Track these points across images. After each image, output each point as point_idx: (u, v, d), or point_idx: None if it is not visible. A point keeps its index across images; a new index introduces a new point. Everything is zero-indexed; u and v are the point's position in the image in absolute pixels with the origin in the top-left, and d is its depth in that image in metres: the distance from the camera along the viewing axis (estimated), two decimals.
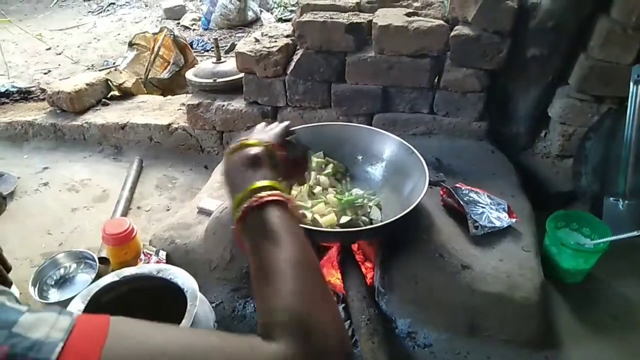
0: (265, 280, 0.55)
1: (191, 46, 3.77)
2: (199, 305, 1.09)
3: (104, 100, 2.70)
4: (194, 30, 4.83)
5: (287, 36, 2.12)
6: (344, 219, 1.41)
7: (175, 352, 0.43)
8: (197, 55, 3.58)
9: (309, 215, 1.42)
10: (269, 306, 0.52)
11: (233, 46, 3.80)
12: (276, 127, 0.82)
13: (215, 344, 0.46)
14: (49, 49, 4.33)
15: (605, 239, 1.48)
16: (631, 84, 1.61)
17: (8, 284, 0.97)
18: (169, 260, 1.56)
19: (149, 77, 3.10)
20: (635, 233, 1.39)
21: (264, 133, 0.79)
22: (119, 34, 4.80)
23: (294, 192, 1.45)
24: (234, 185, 0.66)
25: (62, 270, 1.66)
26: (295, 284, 0.53)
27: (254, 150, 0.70)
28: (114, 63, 3.72)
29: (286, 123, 0.85)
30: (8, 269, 1.00)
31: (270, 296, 0.53)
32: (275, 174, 0.69)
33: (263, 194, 0.61)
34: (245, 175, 0.66)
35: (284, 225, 0.59)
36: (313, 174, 1.56)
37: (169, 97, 2.81)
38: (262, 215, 0.60)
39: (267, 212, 0.60)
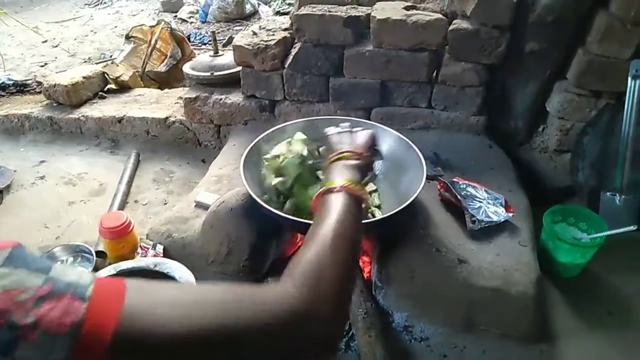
0: (306, 239, 0.65)
1: (189, 39, 3.75)
2: None
3: (100, 93, 2.68)
4: (191, 23, 4.80)
5: (285, 29, 2.11)
6: None
7: (191, 296, 0.49)
8: (194, 49, 3.56)
9: None
10: (296, 259, 0.61)
11: (231, 39, 3.78)
12: (364, 137, 1.01)
13: (227, 290, 0.53)
14: (45, 41, 4.30)
15: (601, 234, 1.49)
16: (629, 79, 1.61)
17: None
18: (166, 254, 1.56)
19: (146, 70, 3.08)
20: (631, 228, 1.39)
21: (356, 142, 0.98)
22: (116, 27, 4.77)
23: None
24: (328, 178, 0.84)
25: (59, 264, 1.65)
26: (325, 248, 0.62)
27: (354, 162, 0.89)
28: (110, 56, 3.70)
29: (372, 132, 1.05)
30: None
31: (302, 251, 0.62)
32: (361, 176, 0.87)
33: (344, 185, 0.76)
34: (339, 174, 0.83)
35: (344, 207, 0.71)
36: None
37: (166, 90, 2.80)
38: (335, 196, 0.74)
39: (339, 195, 0.74)
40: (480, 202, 1.55)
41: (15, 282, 0.40)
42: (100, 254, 1.65)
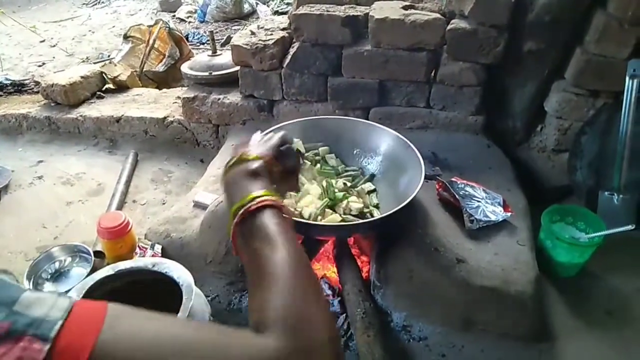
0: (258, 280, 0.57)
1: (187, 39, 3.74)
2: (194, 298, 1.09)
3: (98, 93, 2.68)
4: (189, 22, 4.79)
5: (284, 29, 2.10)
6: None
7: (169, 342, 0.45)
8: (192, 48, 3.56)
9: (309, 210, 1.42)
10: (261, 304, 0.54)
11: (229, 39, 3.78)
12: (272, 139, 0.85)
13: (209, 336, 0.48)
14: (43, 41, 4.29)
15: (599, 233, 1.49)
16: (627, 78, 1.61)
17: None
18: (165, 254, 1.56)
19: (145, 70, 3.08)
20: (629, 227, 1.40)
21: (261, 146, 0.82)
22: (114, 27, 4.76)
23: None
24: (233, 195, 0.70)
25: (57, 264, 1.65)
26: (287, 283, 0.55)
27: (253, 165, 0.75)
28: (108, 56, 3.69)
29: (281, 134, 0.87)
30: None
31: (262, 295, 0.55)
32: (271, 185, 0.73)
33: (258, 199, 0.65)
34: (244, 186, 0.70)
35: (277, 228, 0.62)
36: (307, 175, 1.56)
37: (165, 90, 2.79)
38: (258, 219, 0.63)
39: (262, 216, 0.64)
40: (478, 201, 1.55)
41: None
42: (98, 254, 1.64)
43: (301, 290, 0.55)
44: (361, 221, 1.38)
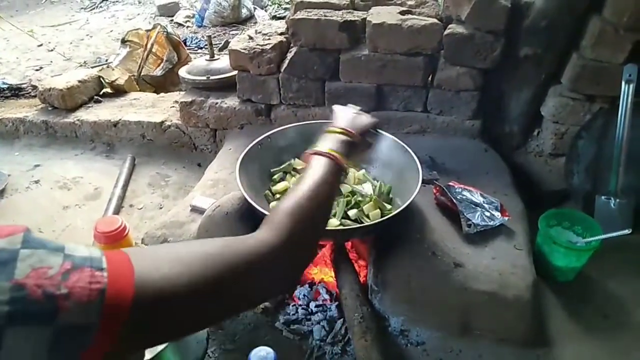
0: (287, 194, 0.74)
1: (185, 43, 3.74)
2: None
3: (96, 97, 2.68)
4: (187, 27, 4.80)
5: (281, 34, 2.11)
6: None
7: (183, 252, 0.57)
8: (190, 53, 3.56)
9: None
10: (274, 209, 0.70)
11: (227, 44, 3.78)
12: (363, 120, 1.05)
13: (213, 242, 0.62)
14: (41, 45, 4.29)
15: (596, 237, 1.49)
16: (623, 83, 1.61)
17: None
18: None
19: (142, 74, 3.08)
20: (626, 231, 1.40)
21: (355, 122, 1.01)
22: (111, 31, 4.76)
23: None
24: (320, 143, 0.89)
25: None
26: (301, 202, 0.70)
27: (343, 137, 0.92)
28: (106, 60, 3.69)
29: (374, 120, 1.08)
30: None
31: (280, 203, 0.71)
32: (346, 151, 0.89)
33: (325, 150, 0.84)
34: (328, 144, 0.88)
35: (323, 167, 0.79)
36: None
37: (162, 94, 2.79)
38: (315, 159, 0.82)
39: (318, 158, 0.82)
40: (475, 206, 1.56)
41: (40, 260, 0.43)
42: None
43: (309, 208, 0.70)
44: (358, 225, 1.37)
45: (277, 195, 1.54)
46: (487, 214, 1.54)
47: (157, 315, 0.50)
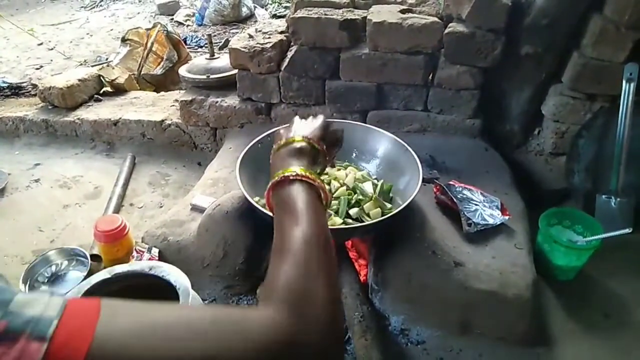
0: (276, 253, 0.59)
1: (185, 42, 3.74)
2: (191, 302, 1.08)
3: (96, 96, 2.67)
4: (187, 26, 4.80)
5: (281, 32, 2.11)
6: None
7: (169, 326, 0.44)
8: (191, 52, 3.56)
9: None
10: (271, 277, 0.56)
11: (227, 42, 3.77)
12: (315, 122, 0.88)
13: (208, 316, 0.48)
14: (41, 44, 4.28)
15: (597, 236, 1.49)
16: (624, 82, 1.61)
17: None
18: (162, 257, 1.55)
19: (142, 73, 3.07)
20: (627, 230, 1.39)
21: (305, 129, 0.85)
22: (112, 30, 4.76)
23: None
24: (275, 170, 0.74)
25: (53, 268, 1.64)
26: (299, 259, 0.56)
27: (299, 145, 0.79)
28: (106, 59, 3.69)
29: (321, 118, 0.90)
30: None
31: (275, 268, 0.56)
32: (315, 165, 0.78)
33: (292, 174, 0.69)
34: (286, 163, 0.74)
35: (304, 203, 0.64)
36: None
37: (162, 93, 2.79)
38: (286, 191, 0.67)
39: (291, 188, 0.67)
40: (476, 205, 1.55)
41: None
42: (95, 257, 1.64)
43: (311, 266, 0.55)
44: (358, 224, 1.37)
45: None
46: (488, 213, 1.53)
47: None
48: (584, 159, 1.76)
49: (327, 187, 1.31)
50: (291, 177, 0.68)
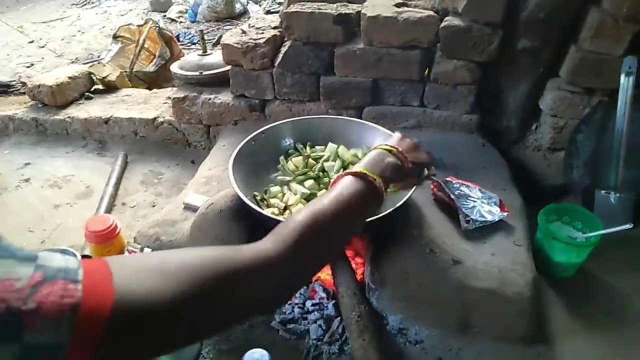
0: (305, 207, 0.70)
1: (178, 39, 3.70)
2: None
3: (87, 94, 2.63)
4: (180, 22, 4.75)
5: (275, 28, 2.07)
6: None
7: (173, 261, 0.52)
8: (184, 49, 3.52)
9: None
10: (287, 220, 0.66)
11: (220, 39, 3.73)
12: (424, 154, 1.00)
13: (207, 250, 0.58)
14: (32, 42, 4.23)
15: (597, 232, 1.47)
16: (622, 75, 1.59)
17: None
18: None
19: (135, 70, 3.03)
20: (627, 226, 1.37)
21: (411, 149, 0.95)
22: (104, 27, 4.70)
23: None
24: (361, 162, 0.85)
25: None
26: (317, 217, 0.65)
27: (392, 158, 0.88)
28: (98, 56, 3.64)
29: (431, 159, 1.03)
30: None
31: (295, 214, 0.67)
32: (386, 174, 0.84)
33: (365, 172, 0.78)
34: (373, 165, 0.83)
35: (355, 193, 0.74)
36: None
37: (154, 90, 2.75)
38: (349, 180, 0.76)
39: (355, 180, 0.76)
40: (474, 201, 1.53)
41: (7, 272, 0.40)
42: (86, 258, 1.60)
43: (323, 226, 0.65)
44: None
45: (272, 201, 1.47)
46: (486, 209, 1.51)
47: (139, 333, 0.45)
48: (583, 154, 1.74)
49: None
50: (355, 174, 0.77)
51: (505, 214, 1.52)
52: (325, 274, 1.54)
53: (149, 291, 0.47)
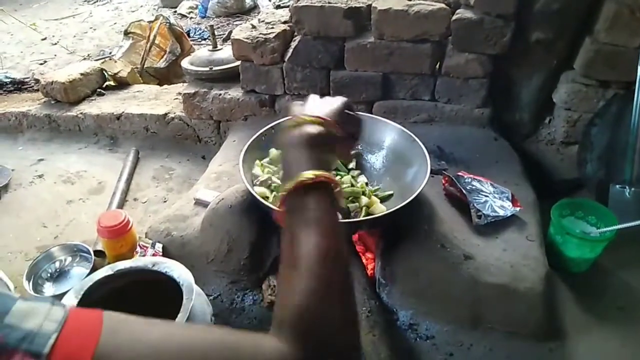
0: (286, 269, 0.55)
1: (188, 35, 3.70)
2: (195, 298, 1.06)
3: (99, 90, 2.65)
4: (190, 18, 4.76)
5: (285, 22, 2.07)
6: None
7: (172, 350, 0.42)
8: (194, 44, 3.52)
9: None
10: (282, 299, 0.53)
11: (230, 34, 3.73)
12: (335, 102, 0.74)
13: (214, 341, 0.45)
14: (45, 39, 4.27)
15: (611, 228, 1.45)
16: (639, 67, 1.56)
17: None
18: (166, 252, 1.53)
19: (146, 66, 3.05)
20: None
21: (323, 107, 0.72)
22: (115, 23, 4.73)
23: None
24: (288, 165, 0.64)
25: (57, 264, 1.63)
26: (311, 279, 0.51)
27: (313, 130, 0.66)
28: (110, 52, 3.66)
29: (344, 99, 0.76)
30: None
31: (286, 287, 0.53)
32: (330, 156, 0.69)
33: (307, 179, 0.59)
34: (302, 158, 0.63)
35: (319, 213, 0.57)
36: None
37: (165, 86, 2.76)
38: (302, 198, 0.58)
39: (307, 196, 0.58)
40: (486, 196, 1.52)
41: None
42: (98, 253, 1.62)
43: (326, 285, 0.51)
44: (365, 218, 1.34)
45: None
46: (498, 204, 1.50)
47: None
48: (597, 147, 1.72)
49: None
50: (306, 183, 0.58)
51: (518, 208, 1.50)
52: None
53: None
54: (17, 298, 0.39)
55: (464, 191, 1.50)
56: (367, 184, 1.48)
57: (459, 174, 1.60)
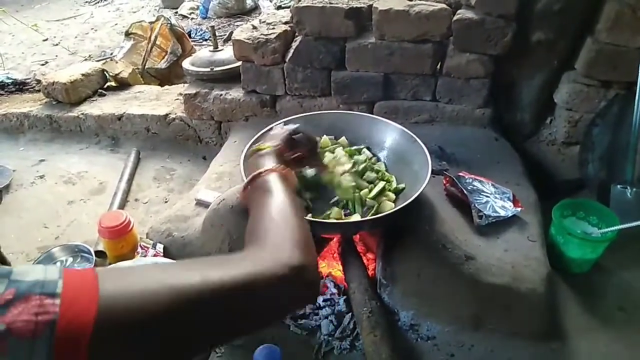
0: (254, 219, 0.69)
1: (189, 35, 3.70)
2: None
3: (100, 90, 2.65)
4: (192, 19, 4.76)
5: (286, 23, 2.07)
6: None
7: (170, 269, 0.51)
8: (195, 45, 3.52)
9: None
10: (251, 230, 0.66)
11: (231, 35, 3.74)
12: (284, 131, 1.00)
13: (204, 261, 0.56)
14: (46, 39, 4.27)
15: (612, 228, 1.45)
16: None
17: None
18: (166, 253, 1.53)
19: (147, 67, 3.05)
20: None
21: (274, 138, 0.97)
22: (116, 24, 4.73)
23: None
24: (251, 169, 0.84)
25: (58, 264, 1.63)
26: (288, 219, 0.67)
27: (264, 152, 0.89)
28: (111, 53, 3.66)
29: (292, 126, 1.03)
30: (7, 265, 0.98)
31: (255, 224, 0.67)
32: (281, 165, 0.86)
33: (264, 169, 0.80)
34: (259, 164, 0.85)
35: (277, 185, 0.76)
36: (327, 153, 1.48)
37: (166, 87, 2.76)
38: (261, 180, 0.78)
39: (265, 178, 0.78)
40: (487, 196, 1.51)
41: None
42: (99, 253, 1.62)
43: (301, 222, 0.67)
44: (366, 218, 1.34)
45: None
46: (499, 204, 1.50)
47: (128, 348, 0.41)
48: (599, 148, 1.72)
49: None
50: (264, 173, 0.78)
51: (519, 209, 1.50)
52: (337, 270, 1.54)
53: (138, 305, 0.42)
54: (11, 268, 0.42)
55: (465, 191, 1.50)
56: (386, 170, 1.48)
57: (460, 174, 1.60)
